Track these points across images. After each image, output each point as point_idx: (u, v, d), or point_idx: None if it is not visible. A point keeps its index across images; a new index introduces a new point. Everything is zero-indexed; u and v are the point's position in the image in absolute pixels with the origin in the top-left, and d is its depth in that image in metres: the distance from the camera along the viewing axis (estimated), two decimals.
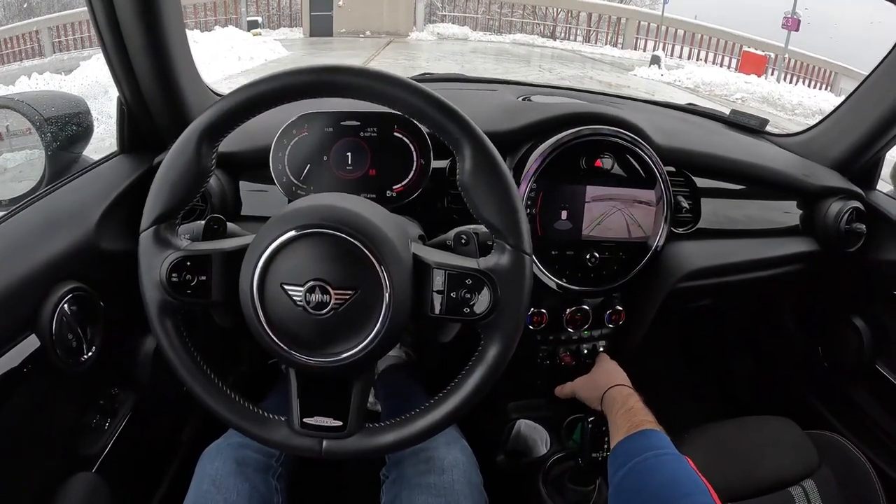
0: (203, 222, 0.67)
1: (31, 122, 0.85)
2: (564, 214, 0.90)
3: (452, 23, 20.27)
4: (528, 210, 0.88)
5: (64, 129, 0.87)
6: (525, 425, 1.02)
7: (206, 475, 0.75)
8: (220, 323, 0.71)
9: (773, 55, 14.86)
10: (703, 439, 0.91)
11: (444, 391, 0.60)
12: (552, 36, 19.99)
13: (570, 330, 0.99)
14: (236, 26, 15.36)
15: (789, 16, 13.27)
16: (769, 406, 1.30)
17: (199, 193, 0.60)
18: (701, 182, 1.03)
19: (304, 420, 0.59)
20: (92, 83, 7.12)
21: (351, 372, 0.59)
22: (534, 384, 1.03)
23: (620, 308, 0.99)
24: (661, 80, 12.75)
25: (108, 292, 0.77)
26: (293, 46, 14.35)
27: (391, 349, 0.61)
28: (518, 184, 0.87)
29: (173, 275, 0.57)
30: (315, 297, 0.54)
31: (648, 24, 18.75)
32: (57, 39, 15.62)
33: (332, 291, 0.53)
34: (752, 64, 14.63)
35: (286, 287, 0.54)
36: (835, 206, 1.10)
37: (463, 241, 0.63)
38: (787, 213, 1.13)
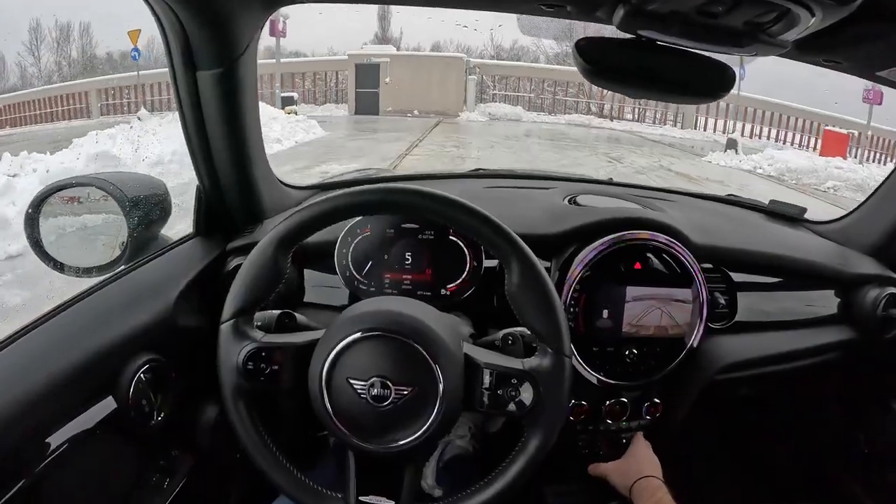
0: (276, 313, 0.82)
1: (117, 201, 0.99)
2: (606, 313, 1.03)
3: (504, 102, 20.88)
4: (572, 309, 1.02)
5: (146, 210, 1.02)
6: None
7: None
8: (285, 407, 0.83)
9: (855, 133, 14.63)
10: None
11: (488, 478, 0.72)
12: (609, 116, 20.44)
13: (609, 421, 1.10)
14: (269, 103, 15.98)
15: (870, 88, 12.86)
16: (809, 493, 1.37)
17: (274, 292, 0.75)
18: (738, 276, 1.15)
19: (360, 498, 0.72)
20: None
21: (405, 458, 0.71)
22: (572, 470, 1.12)
23: (658, 401, 1.11)
24: (739, 168, 12.57)
25: (180, 363, 0.91)
26: (335, 125, 14.58)
27: (442, 438, 0.75)
28: (562, 285, 1.02)
29: (249, 363, 0.72)
30: (377, 391, 0.68)
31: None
32: (105, 102, 17.40)
33: (392, 387, 0.68)
34: (835, 144, 14.34)
35: (351, 381, 0.68)
36: (872, 293, 1.18)
37: (510, 342, 0.77)
38: (825, 301, 1.23)
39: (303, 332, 0.77)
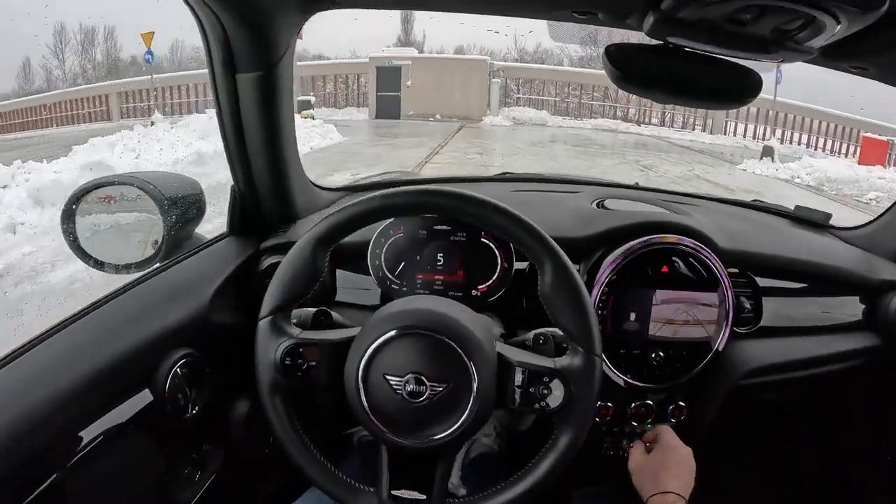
0: (311, 310, 0.87)
1: (155, 200, 1.05)
2: (633, 316, 1.07)
3: (528, 106, 20.84)
4: (600, 312, 1.05)
5: (181, 209, 1.08)
6: None
7: None
8: (320, 402, 0.89)
9: (894, 140, 14.24)
10: None
11: (518, 474, 0.76)
12: (636, 121, 20.34)
13: (634, 423, 1.15)
14: None
15: None
16: (834, 499, 1.39)
17: (311, 290, 0.79)
18: (763, 282, 1.19)
19: (392, 492, 0.76)
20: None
21: (438, 453, 0.75)
22: (596, 472, 1.17)
23: (683, 404, 1.15)
24: (776, 177, 12.25)
25: (214, 359, 0.97)
26: (354, 130, 14.65)
27: (474, 434, 0.76)
28: (591, 288, 1.05)
29: (286, 359, 0.77)
30: (412, 387, 0.71)
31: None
32: (125, 105, 17.82)
33: (427, 383, 0.72)
34: (874, 151, 13.98)
35: (388, 377, 0.72)
36: None
37: (541, 341, 0.81)
38: (849, 307, 1.26)
39: (339, 329, 0.81)
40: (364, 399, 0.73)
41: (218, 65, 0.97)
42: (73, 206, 1.06)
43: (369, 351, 0.73)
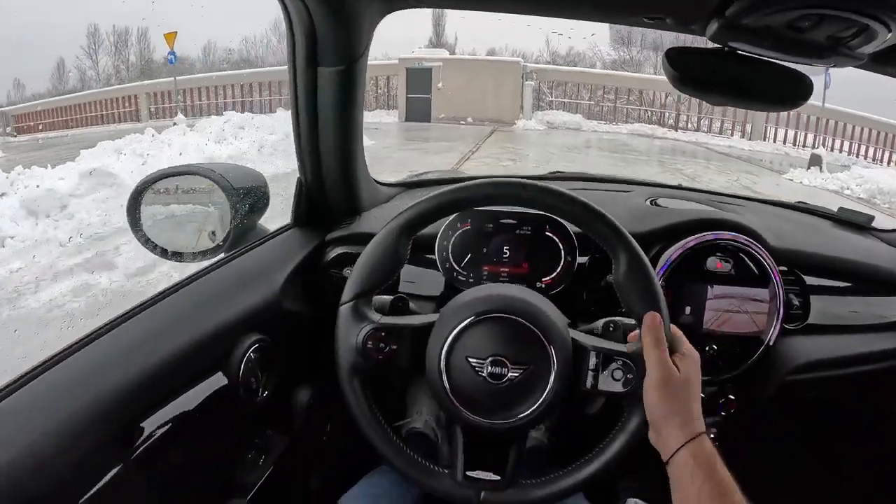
0: (388, 297, 0.93)
1: (224, 191, 1.14)
2: (688, 310, 1.16)
3: (561, 109, 20.60)
4: None
5: (248, 200, 1.17)
6: None
7: None
8: (396, 386, 1.00)
9: None
10: None
11: (590, 455, 0.82)
12: (674, 126, 20.09)
13: None
14: None
15: None
16: (882, 497, 1.43)
17: (394, 277, 0.87)
18: (810, 280, 1.25)
19: (467, 473, 0.82)
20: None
21: (515, 433, 0.82)
22: (645, 463, 1.20)
23: (732, 397, 1.20)
24: (824, 188, 11.84)
25: (282, 346, 1.03)
26: (383, 134, 14.43)
27: (550, 416, 0.85)
28: None
29: (368, 343, 0.83)
30: (494, 370, 0.78)
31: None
32: (153, 106, 18.17)
33: (508, 365, 0.78)
34: None
35: (470, 359, 0.79)
36: None
37: (611, 328, 0.86)
38: (893, 307, 1.32)
39: (417, 315, 0.88)
40: (446, 381, 0.80)
41: (301, 58, 1.06)
42: (139, 196, 1.14)
43: (452, 334, 0.80)
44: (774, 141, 18.39)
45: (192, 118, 14.87)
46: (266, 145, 9.80)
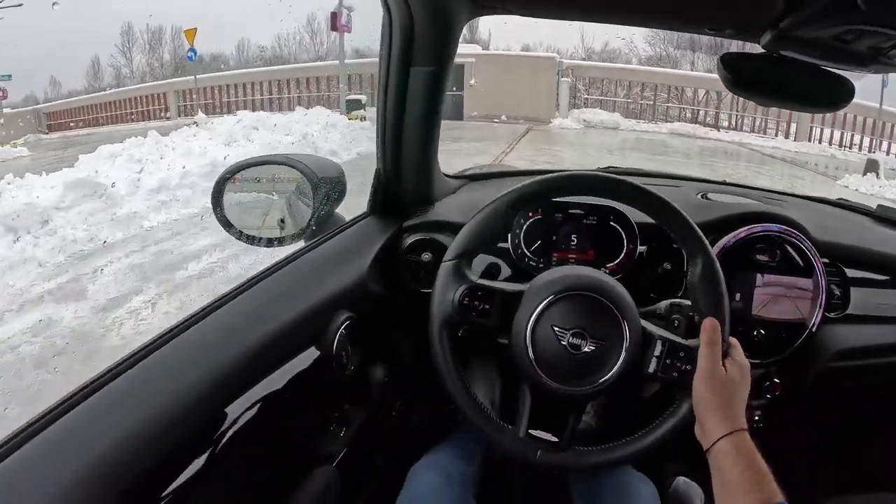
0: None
1: (308, 179, 1.28)
2: (738, 296, 1.29)
3: (598, 107, 20.51)
4: None
5: (330, 189, 1.31)
6: (683, 482, 1.36)
7: (421, 482, 1.12)
8: (480, 345, 1.14)
9: None
10: None
11: (642, 432, 0.94)
12: (714, 125, 19.92)
13: None
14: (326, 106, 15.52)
15: None
16: None
17: (496, 244, 1.04)
18: (851, 272, 1.37)
19: (529, 431, 0.95)
20: None
21: (582, 400, 0.97)
22: (691, 447, 1.35)
23: (777, 380, 1.33)
24: (881, 196, 10.99)
25: (367, 324, 1.17)
26: None
27: (614, 390, 0.95)
28: None
29: (465, 299, 0.97)
30: (575, 340, 0.92)
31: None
32: (181, 104, 18.63)
33: (588, 338, 0.92)
34: None
35: (555, 328, 0.92)
36: None
37: (675, 323, 0.99)
38: None
39: (508, 283, 1.01)
40: (530, 344, 0.92)
41: (396, 56, 1.18)
42: (223, 185, 1.26)
43: (542, 304, 0.93)
44: (820, 142, 18.30)
45: (218, 115, 15.16)
46: (279, 148, 9.30)
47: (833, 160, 16.33)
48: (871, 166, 12.95)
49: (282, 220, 1.36)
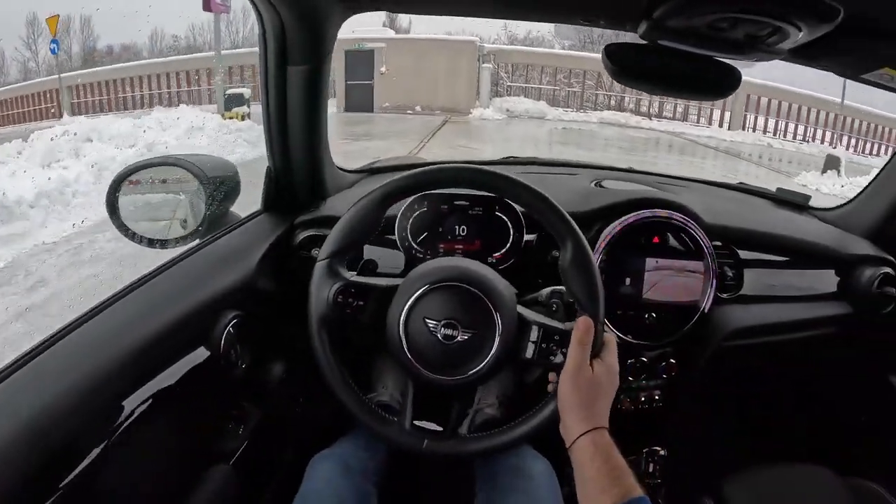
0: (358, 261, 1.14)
1: (198, 179, 1.31)
2: (628, 281, 1.41)
3: (522, 95, 20.48)
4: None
5: (220, 188, 1.34)
6: None
7: (318, 475, 1.17)
8: (357, 342, 1.19)
9: None
10: (740, 485, 1.32)
11: (524, 417, 1.02)
12: (647, 114, 20.15)
13: (630, 378, 1.47)
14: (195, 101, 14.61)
15: None
16: (807, 453, 1.65)
17: (367, 241, 1.08)
18: (745, 255, 1.52)
19: (414, 422, 1.04)
20: None
21: (460, 389, 1.05)
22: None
23: (673, 361, 1.47)
24: (844, 196, 8.55)
25: (257, 322, 1.23)
26: None
27: (492, 378, 1.04)
28: None
29: (339, 297, 1.03)
30: (447, 331, 0.99)
31: (759, 97, 18.75)
32: (76, 100, 17.75)
33: (460, 328, 0.99)
34: None
35: (427, 320, 1.00)
36: (867, 272, 1.55)
37: (553, 308, 1.09)
38: (825, 279, 1.61)
39: (383, 278, 1.08)
40: (404, 337, 1.00)
41: (272, 57, 1.25)
42: (117, 189, 1.30)
43: (413, 297, 1.00)
44: (754, 130, 18.97)
45: (116, 113, 14.44)
46: (111, 168, 7.55)
47: (769, 149, 16.89)
48: (832, 163, 12.69)
49: (184, 221, 1.40)
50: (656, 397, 1.50)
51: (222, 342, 1.13)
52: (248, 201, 1.44)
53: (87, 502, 0.85)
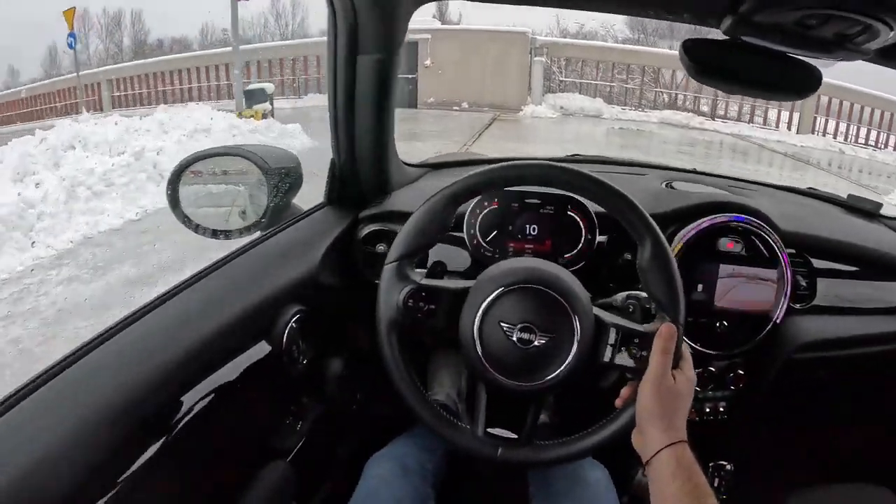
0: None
1: (262, 170, 1.36)
2: (700, 287, 1.39)
3: (576, 91, 19.79)
4: None
5: (284, 180, 1.39)
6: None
7: (375, 475, 1.20)
8: (428, 344, 1.23)
9: None
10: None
11: (600, 423, 1.02)
12: (710, 114, 19.24)
13: (698, 389, 1.39)
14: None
15: None
16: (876, 474, 1.66)
17: (437, 242, 1.09)
18: (818, 263, 1.50)
19: (487, 430, 1.03)
20: None
21: (536, 396, 1.04)
22: None
23: (742, 372, 1.46)
24: None
25: (320, 317, 1.25)
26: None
27: (570, 383, 1.02)
28: None
29: (409, 301, 1.03)
30: (523, 335, 0.99)
31: (830, 99, 17.39)
32: (117, 94, 18.32)
33: (536, 332, 0.98)
34: None
35: (502, 324, 0.99)
36: None
37: (630, 309, 1.09)
38: None
39: (454, 280, 1.09)
40: (478, 342, 0.99)
41: (342, 46, 1.28)
42: (178, 176, 1.36)
43: (488, 300, 0.99)
44: (824, 134, 18.17)
45: (150, 108, 14.50)
46: (87, 183, 7.06)
47: (843, 156, 16.21)
48: None
49: (243, 212, 1.45)
50: (721, 409, 1.49)
51: (284, 338, 1.15)
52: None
53: (146, 498, 0.87)
